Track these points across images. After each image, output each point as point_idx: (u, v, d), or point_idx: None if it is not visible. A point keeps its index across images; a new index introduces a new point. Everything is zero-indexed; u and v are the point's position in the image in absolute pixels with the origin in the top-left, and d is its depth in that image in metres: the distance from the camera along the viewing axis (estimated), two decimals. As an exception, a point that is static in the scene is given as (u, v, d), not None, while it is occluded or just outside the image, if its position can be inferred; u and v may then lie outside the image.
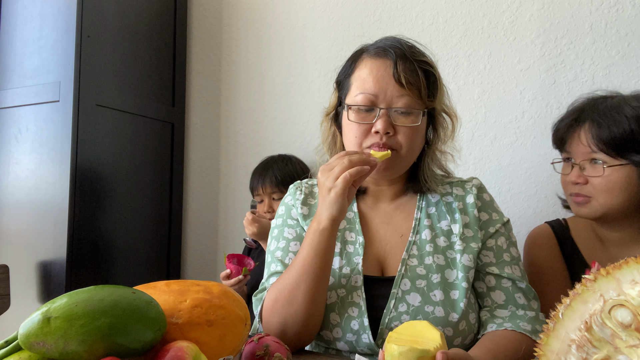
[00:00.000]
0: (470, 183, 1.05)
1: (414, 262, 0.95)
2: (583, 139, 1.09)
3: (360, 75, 0.98)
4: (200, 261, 2.13)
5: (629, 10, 1.42)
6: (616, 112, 1.06)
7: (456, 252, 0.96)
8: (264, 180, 1.67)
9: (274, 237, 1.08)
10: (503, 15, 1.58)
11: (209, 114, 2.13)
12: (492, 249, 0.98)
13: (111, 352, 0.58)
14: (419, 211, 1.02)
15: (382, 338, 0.90)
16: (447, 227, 0.99)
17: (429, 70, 0.98)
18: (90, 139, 1.74)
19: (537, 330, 0.90)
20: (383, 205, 1.06)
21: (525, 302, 0.95)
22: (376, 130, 0.94)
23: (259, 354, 0.72)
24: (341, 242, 1.01)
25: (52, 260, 1.68)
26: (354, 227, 1.03)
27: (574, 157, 1.11)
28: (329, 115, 1.07)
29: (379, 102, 0.95)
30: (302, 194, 1.08)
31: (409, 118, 0.95)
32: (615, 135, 1.04)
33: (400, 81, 0.93)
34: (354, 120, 0.96)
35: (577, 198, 1.11)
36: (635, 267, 0.53)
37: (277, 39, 1.98)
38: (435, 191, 1.04)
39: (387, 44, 0.98)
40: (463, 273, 0.93)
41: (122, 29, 1.88)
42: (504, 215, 1.04)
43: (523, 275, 0.98)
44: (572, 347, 0.54)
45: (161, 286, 0.72)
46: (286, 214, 1.08)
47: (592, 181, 1.07)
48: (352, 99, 0.98)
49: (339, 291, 0.94)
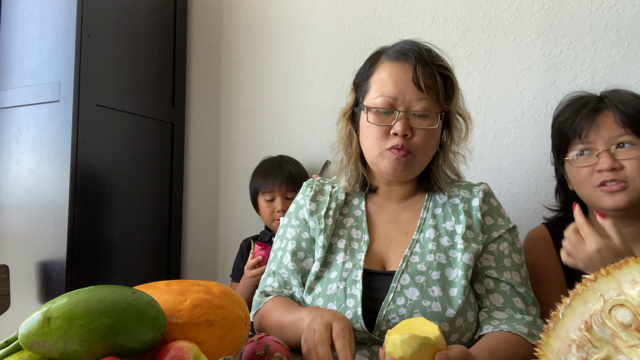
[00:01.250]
0: (478, 187, 1.06)
1: (416, 259, 0.98)
2: (611, 123, 1.06)
3: (380, 78, 1.00)
4: (200, 261, 2.13)
5: (629, 10, 1.42)
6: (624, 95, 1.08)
7: (458, 250, 0.97)
8: (282, 179, 1.62)
9: (278, 236, 1.13)
10: (503, 15, 1.58)
11: (209, 114, 2.13)
12: (493, 253, 0.99)
13: (111, 352, 0.58)
14: (426, 211, 1.05)
15: (379, 329, 0.92)
16: (451, 228, 1.01)
17: (446, 74, 1.01)
18: (90, 139, 1.74)
19: (533, 334, 0.91)
20: (392, 205, 1.09)
21: (524, 306, 0.96)
22: (395, 132, 0.97)
23: (259, 354, 0.72)
24: (346, 239, 1.04)
25: (52, 260, 1.68)
26: (360, 225, 1.06)
27: (597, 146, 1.07)
28: (346, 115, 1.10)
29: (397, 104, 0.97)
30: (312, 191, 1.12)
31: (426, 121, 0.98)
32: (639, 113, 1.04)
33: (419, 85, 0.96)
34: (373, 122, 0.99)
35: (612, 186, 1.05)
36: (635, 267, 0.53)
37: (277, 39, 1.98)
38: (444, 192, 1.05)
39: (406, 48, 1.01)
40: (463, 271, 0.94)
41: (122, 29, 1.88)
42: (510, 221, 1.05)
43: (523, 282, 0.99)
44: (572, 347, 0.54)
45: (161, 286, 0.72)
46: (294, 213, 1.12)
47: (628, 164, 1.04)
48: (371, 101, 1.00)
49: (339, 284, 0.97)
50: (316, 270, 1.01)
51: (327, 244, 1.03)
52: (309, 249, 1.06)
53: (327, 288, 0.98)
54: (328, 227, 1.05)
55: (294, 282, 1.04)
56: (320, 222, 1.05)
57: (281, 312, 0.95)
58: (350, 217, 1.08)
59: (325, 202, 1.09)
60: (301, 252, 1.06)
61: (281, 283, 1.05)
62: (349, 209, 1.09)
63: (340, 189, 1.11)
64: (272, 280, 1.06)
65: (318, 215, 1.06)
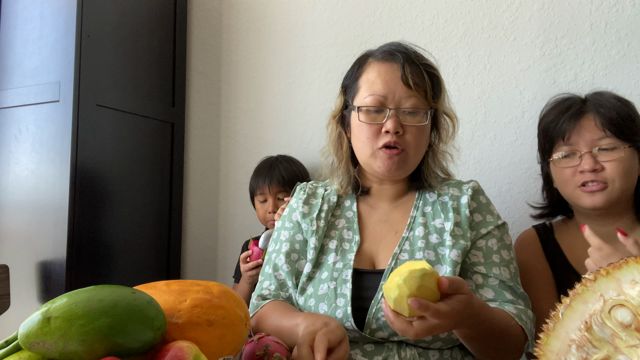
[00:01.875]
0: (468, 185, 1.07)
1: (405, 256, 0.99)
2: (591, 127, 1.11)
3: (369, 78, 1.02)
4: (200, 261, 2.12)
5: (629, 10, 1.42)
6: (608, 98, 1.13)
7: (446, 247, 0.98)
8: (271, 180, 1.64)
9: (273, 239, 1.14)
10: (503, 15, 1.58)
11: (209, 114, 2.13)
12: (482, 249, 1.01)
13: (111, 352, 0.58)
14: (416, 209, 1.06)
15: (369, 328, 0.93)
16: (440, 225, 1.02)
17: (433, 72, 1.03)
18: (90, 139, 1.74)
19: (521, 317, 0.92)
20: (383, 205, 1.10)
21: (513, 298, 0.97)
22: (386, 130, 0.99)
23: (258, 354, 0.72)
24: (338, 240, 1.05)
25: (52, 260, 1.68)
26: (351, 226, 1.07)
27: (579, 148, 1.12)
28: (335, 117, 1.11)
29: (388, 103, 1.00)
30: (305, 194, 1.13)
31: (416, 118, 1.00)
32: (620, 117, 1.09)
33: (407, 83, 0.98)
34: (364, 121, 1.01)
35: (592, 187, 1.10)
36: (635, 267, 0.53)
37: (277, 39, 1.98)
38: (434, 190, 1.07)
39: (393, 48, 1.03)
40: (451, 268, 0.95)
41: (122, 29, 1.88)
42: (499, 218, 1.06)
43: (513, 277, 1.00)
44: (572, 347, 0.54)
45: (161, 286, 0.72)
46: (288, 216, 1.13)
47: (608, 166, 1.09)
48: (361, 101, 1.02)
49: (330, 284, 0.98)
50: (308, 271, 1.02)
51: (318, 245, 1.04)
52: (302, 251, 1.08)
53: (318, 288, 0.99)
54: (320, 228, 1.06)
55: (290, 284, 1.05)
56: (313, 224, 1.07)
57: (278, 316, 0.96)
58: (342, 218, 1.09)
59: (318, 204, 1.10)
60: (294, 254, 1.07)
61: (277, 286, 1.06)
62: (340, 210, 1.11)
63: (333, 191, 1.13)
64: (268, 284, 1.07)
65: (310, 218, 1.08)
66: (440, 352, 0.95)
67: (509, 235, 1.06)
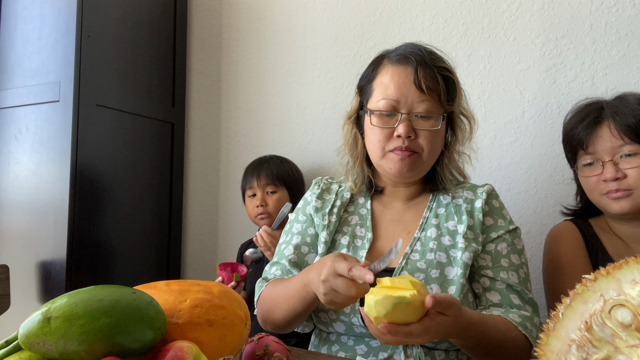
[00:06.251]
0: (482, 188, 1.07)
1: (416, 256, 0.99)
2: (608, 135, 1.10)
3: (382, 82, 1.02)
4: (200, 261, 2.12)
5: (629, 10, 1.42)
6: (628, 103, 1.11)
7: (458, 249, 0.98)
8: (259, 174, 1.65)
9: (285, 230, 1.16)
10: (503, 15, 1.58)
11: (209, 114, 2.13)
12: (490, 253, 1.00)
13: (111, 352, 0.58)
14: (429, 210, 1.07)
15: None
16: (453, 228, 1.02)
17: (448, 75, 1.02)
18: (90, 139, 1.74)
19: (526, 326, 0.91)
20: (397, 204, 1.11)
21: (521, 303, 0.97)
22: (398, 134, 0.99)
23: (258, 354, 0.72)
24: (350, 236, 1.06)
25: (52, 260, 1.68)
26: (364, 223, 1.08)
27: (601, 157, 1.12)
28: (351, 118, 1.12)
29: (400, 107, 0.99)
30: (319, 189, 1.15)
31: (429, 122, 1.00)
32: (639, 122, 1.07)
33: (420, 87, 0.98)
34: (376, 124, 1.01)
35: (617, 194, 1.10)
36: (635, 267, 0.53)
37: (277, 39, 1.98)
38: (448, 193, 1.07)
39: (408, 51, 1.02)
40: (462, 270, 0.95)
41: (122, 29, 1.88)
42: (512, 223, 1.06)
43: (521, 282, 0.99)
44: (572, 347, 0.54)
45: (161, 286, 0.72)
46: (302, 209, 1.15)
47: (631, 173, 1.09)
48: (374, 104, 1.02)
49: None
50: None
51: (329, 240, 1.06)
52: (313, 244, 1.09)
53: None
54: (331, 223, 1.07)
55: (295, 273, 1.06)
56: (324, 218, 1.08)
57: (281, 288, 0.98)
58: (356, 214, 1.10)
59: (331, 200, 1.12)
60: (305, 247, 1.09)
61: (284, 271, 1.08)
62: (354, 207, 1.12)
63: (347, 188, 1.14)
64: (275, 269, 1.10)
65: (322, 212, 1.09)
66: (446, 353, 0.95)
67: (521, 240, 1.06)
